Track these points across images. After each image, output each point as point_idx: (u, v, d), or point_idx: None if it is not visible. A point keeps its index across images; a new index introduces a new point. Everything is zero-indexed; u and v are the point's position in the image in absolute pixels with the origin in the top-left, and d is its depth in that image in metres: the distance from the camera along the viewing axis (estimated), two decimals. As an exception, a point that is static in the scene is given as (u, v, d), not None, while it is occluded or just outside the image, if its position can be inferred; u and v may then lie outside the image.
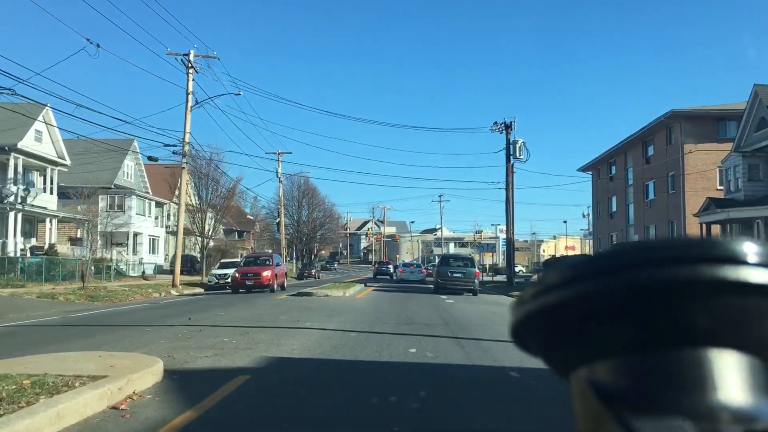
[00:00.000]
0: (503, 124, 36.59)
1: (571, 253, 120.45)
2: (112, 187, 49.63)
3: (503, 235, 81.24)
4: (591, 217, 54.32)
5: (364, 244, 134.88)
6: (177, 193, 49.81)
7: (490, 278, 53.57)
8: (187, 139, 33.00)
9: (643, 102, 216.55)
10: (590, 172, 54.00)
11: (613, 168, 49.04)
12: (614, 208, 48.70)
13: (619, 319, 0.50)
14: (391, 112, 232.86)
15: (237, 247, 77.29)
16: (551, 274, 0.52)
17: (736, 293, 0.46)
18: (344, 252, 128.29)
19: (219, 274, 34.80)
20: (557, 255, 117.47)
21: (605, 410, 0.49)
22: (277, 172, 57.20)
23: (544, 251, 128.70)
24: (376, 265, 68.58)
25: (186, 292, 31.97)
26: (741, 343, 0.48)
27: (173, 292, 31.03)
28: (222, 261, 38.28)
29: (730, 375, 0.48)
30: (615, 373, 0.50)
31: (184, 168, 33.58)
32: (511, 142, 36.42)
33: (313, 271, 60.08)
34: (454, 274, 28.70)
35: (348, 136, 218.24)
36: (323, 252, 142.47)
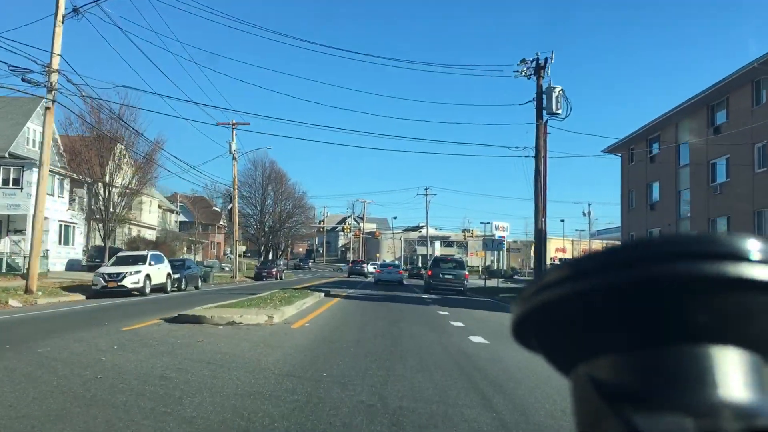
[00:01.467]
0: (534, 62, 24.88)
1: (562, 255, 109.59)
2: (7, 156, 37.27)
3: (499, 233, 70.01)
4: (620, 209, 42.94)
5: (342, 241, 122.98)
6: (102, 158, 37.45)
7: (483, 281, 42.00)
8: (56, 65, 20.94)
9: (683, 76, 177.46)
10: (619, 154, 42.56)
11: (656, 146, 37.61)
12: (657, 197, 37.27)
13: (620, 316, 0.49)
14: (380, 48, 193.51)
15: (191, 241, 65.05)
16: (552, 271, 0.51)
17: (738, 290, 0.45)
18: (320, 249, 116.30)
19: (109, 274, 22.65)
20: (559, 257, 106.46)
21: (606, 407, 0.48)
22: (230, 147, 45.13)
23: (534, 253, 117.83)
24: (350, 264, 65.01)
25: (45, 301, 19.88)
26: (742, 340, 0.48)
27: (14, 303, 18.84)
28: (120, 255, 26.03)
29: (731, 372, 0.47)
30: (616, 370, 0.49)
31: (48, 108, 21.45)
32: (544, 90, 24.81)
33: (275, 270, 48.05)
34: (445, 276, 28.42)
35: (329, 79, 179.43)
36: (301, 249, 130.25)
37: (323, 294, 21.95)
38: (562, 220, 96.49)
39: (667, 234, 0.51)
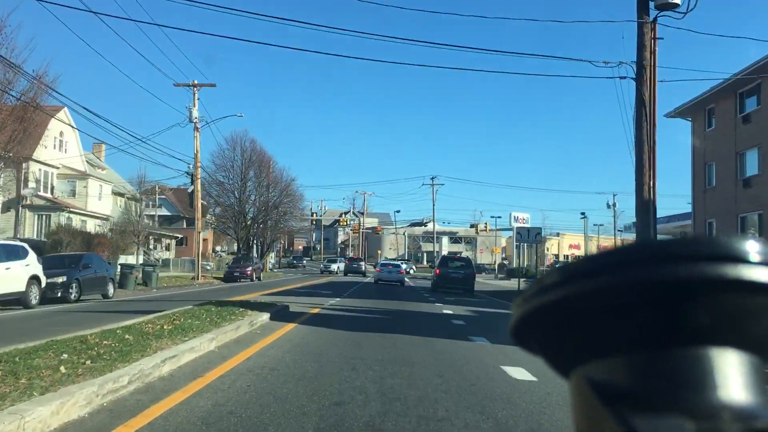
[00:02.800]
0: None
1: (575, 252, 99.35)
2: None
3: (519, 225, 59.76)
4: (690, 189, 32.64)
5: (341, 237, 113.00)
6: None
7: (517, 283, 31.58)
8: None
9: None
10: (689, 118, 32.31)
11: (752, 100, 27.35)
12: (755, 169, 26.99)
13: (619, 317, 0.48)
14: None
15: (162, 234, 55.00)
16: (552, 272, 0.50)
17: (738, 292, 0.45)
18: (318, 247, 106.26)
19: None
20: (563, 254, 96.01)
21: (605, 409, 0.47)
22: (190, 114, 35.04)
23: (548, 249, 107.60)
24: (347, 262, 57.71)
25: None
26: (742, 341, 0.47)
27: None
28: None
29: (730, 374, 0.46)
30: (615, 372, 0.48)
31: None
32: (650, -32, 14.57)
33: (250, 269, 37.91)
34: (453, 275, 27.47)
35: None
36: (300, 247, 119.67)
37: (269, 315, 11.72)
38: (583, 213, 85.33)
39: (667, 238, 0.50)
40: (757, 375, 0.47)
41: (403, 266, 43.37)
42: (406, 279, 39.57)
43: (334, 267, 56.10)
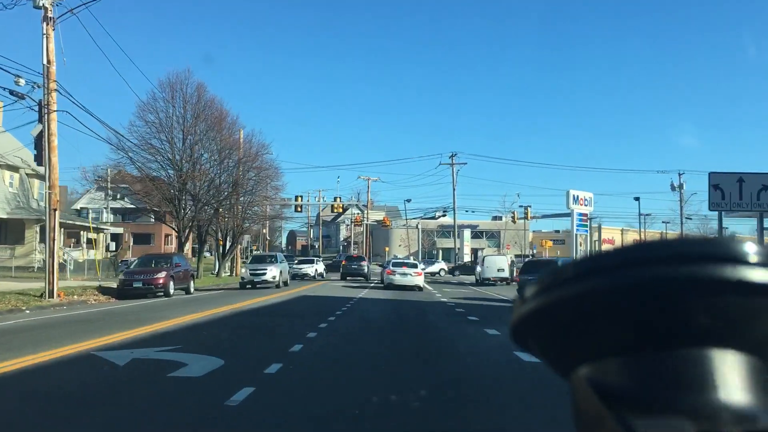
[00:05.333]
0: None
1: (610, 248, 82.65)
2: None
3: (579, 208, 42.87)
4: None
5: (343, 234, 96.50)
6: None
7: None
8: None
9: None
10: None
11: None
12: None
13: (619, 318, 0.47)
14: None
15: (68, 225, 38.25)
16: (552, 273, 0.49)
17: (737, 293, 0.44)
18: (316, 245, 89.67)
19: None
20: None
21: (605, 410, 0.46)
22: (35, -7, 18.27)
23: (581, 244, 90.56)
24: (344, 262, 41.74)
25: None
26: (741, 342, 0.46)
27: None
28: None
29: (730, 375, 0.45)
30: (615, 373, 0.48)
31: None
32: None
33: (162, 276, 21.16)
34: None
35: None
36: (301, 246, 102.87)
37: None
38: (637, 199, 68.15)
39: (667, 237, 0.50)
40: (757, 377, 0.45)
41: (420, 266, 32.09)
42: (427, 286, 31.79)
43: (272, 273, 27.59)
